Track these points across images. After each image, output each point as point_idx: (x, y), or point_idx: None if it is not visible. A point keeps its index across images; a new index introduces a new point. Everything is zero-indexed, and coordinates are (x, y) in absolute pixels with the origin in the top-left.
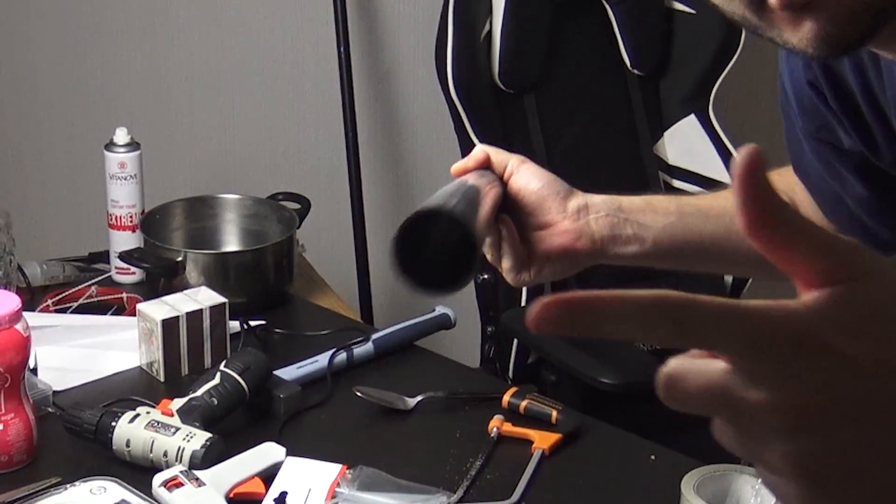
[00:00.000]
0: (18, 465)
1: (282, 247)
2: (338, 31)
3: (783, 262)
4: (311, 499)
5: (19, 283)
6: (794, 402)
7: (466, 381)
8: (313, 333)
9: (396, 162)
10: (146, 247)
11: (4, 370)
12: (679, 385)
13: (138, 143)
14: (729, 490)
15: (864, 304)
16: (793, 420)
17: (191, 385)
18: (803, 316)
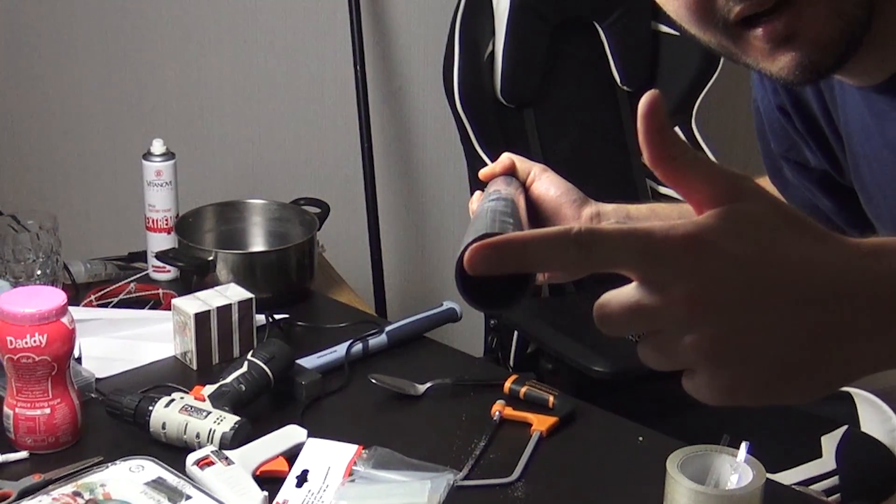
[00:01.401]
0: (64, 446)
1: (303, 247)
2: (354, 52)
3: (681, 188)
4: (330, 477)
5: (65, 280)
6: (689, 294)
7: (471, 370)
8: (332, 326)
9: (407, 169)
10: (180, 247)
11: (51, 359)
12: (604, 310)
13: (173, 153)
14: (710, 468)
15: (744, 214)
16: (691, 310)
17: (221, 373)
18: (692, 226)
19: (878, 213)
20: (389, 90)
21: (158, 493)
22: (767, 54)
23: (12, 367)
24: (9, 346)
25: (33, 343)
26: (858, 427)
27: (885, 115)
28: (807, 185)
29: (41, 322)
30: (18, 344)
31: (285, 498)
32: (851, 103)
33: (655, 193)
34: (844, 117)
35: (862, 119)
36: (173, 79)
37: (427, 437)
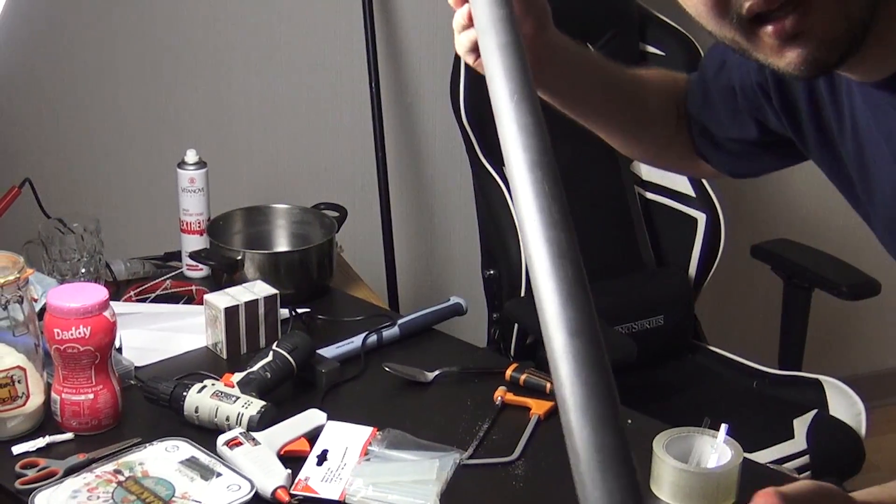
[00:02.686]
0: (106, 428)
1: (323, 248)
2: (369, 71)
3: None
4: (347, 456)
5: (107, 277)
6: None
7: (475, 359)
8: (349, 319)
9: (418, 177)
10: (211, 248)
11: (95, 349)
12: None
13: (205, 162)
14: (692, 448)
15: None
16: None
17: (248, 362)
18: None
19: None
20: (401, 105)
21: (192, 471)
22: (776, 50)
23: (59, 356)
24: (56, 338)
25: (78, 334)
26: (827, 411)
27: (882, 110)
28: (743, 118)
29: (85, 315)
30: (65, 335)
31: (307, 475)
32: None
33: (643, 199)
34: (850, 108)
35: (862, 111)
36: (205, 95)
37: (435, 420)
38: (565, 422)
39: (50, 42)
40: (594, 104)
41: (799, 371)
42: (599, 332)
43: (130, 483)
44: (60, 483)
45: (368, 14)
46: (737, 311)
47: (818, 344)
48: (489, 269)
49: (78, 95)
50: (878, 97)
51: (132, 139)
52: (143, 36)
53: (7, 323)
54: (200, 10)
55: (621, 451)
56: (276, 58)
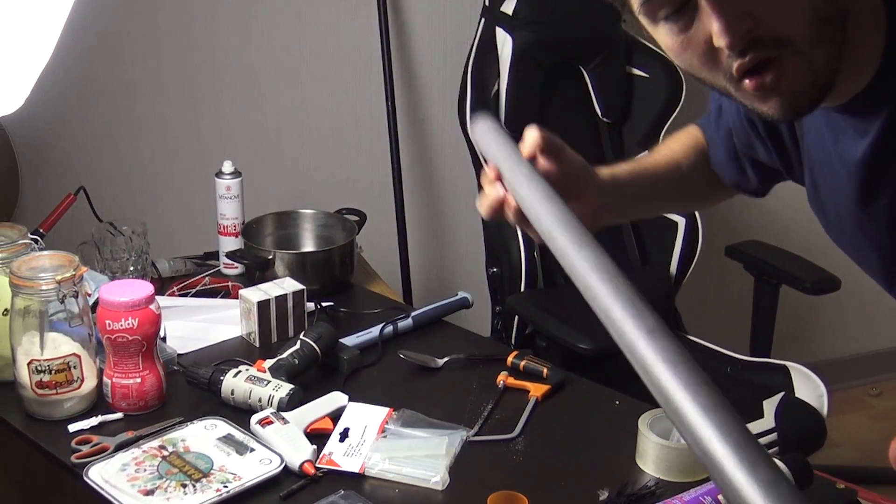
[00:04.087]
0: (152, 408)
1: (345, 248)
2: (386, 90)
3: None
4: (366, 433)
5: (153, 274)
6: None
7: (480, 347)
8: (368, 311)
9: (429, 185)
10: (245, 248)
11: (142, 338)
12: None
13: (240, 172)
14: (673, 426)
15: None
16: None
17: (278, 349)
18: None
19: (823, 208)
20: (414, 120)
21: (228, 447)
22: (758, 99)
23: (110, 344)
24: (108, 328)
25: (127, 325)
26: (793, 393)
27: (840, 130)
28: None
29: (133, 308)
30: (115, 326)
31: (330, 450)
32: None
33: None
34: (802, 130)
35: (819, 131)
36: (241, 113)
37: (445, 402)
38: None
39: (102, 65)
40: (652, 208)
41: (768, 358)
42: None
43: (173, 457)
44: (111, 457)
45: (385, 42)
46: (713, 305)
47: (785, 334)
48: (492, 267)
49: (127, 113)
50: (838, 119)
51: (176, 151)
52: (186, 60)
53: (64, 315)
54: (237, 39)
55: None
56: (303, 80)
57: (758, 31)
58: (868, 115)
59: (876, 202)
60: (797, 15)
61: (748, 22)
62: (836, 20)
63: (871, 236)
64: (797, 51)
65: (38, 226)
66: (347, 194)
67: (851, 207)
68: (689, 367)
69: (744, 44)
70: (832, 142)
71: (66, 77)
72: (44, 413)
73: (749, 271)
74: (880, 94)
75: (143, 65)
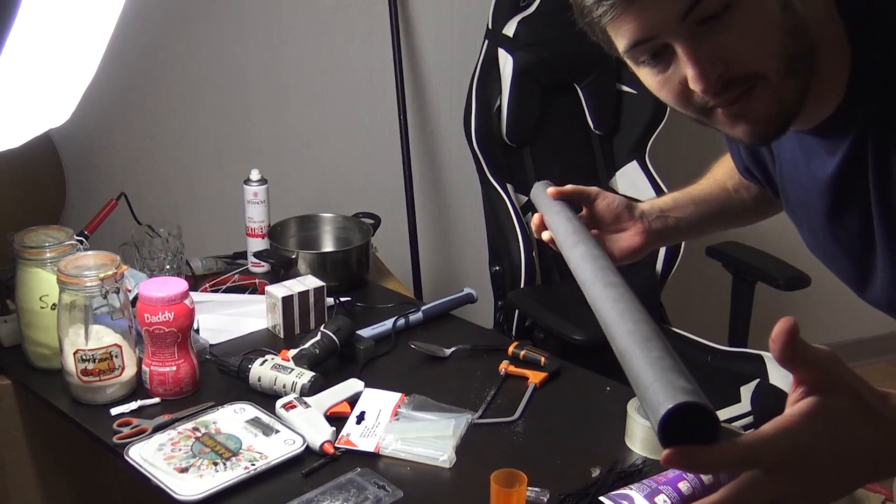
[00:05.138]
0: (186, 394)
1: (361, 248)
2: (399, 105)
3: (796, 373)
4: (381, 416)
5: (187, 272)
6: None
7: (484, 338)
8: (382, 306)
9: (437, 191)
10: (271, 248)
11: (177, 330)
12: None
13: (266, 179)
14: None
15: (831, 413)
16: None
17: (301, 340)
18: (791, 440)
19: (797, 220)
20: (424, 133)
21: (255, 428)
22: (729, 125)
23: (148, 335)
24: (146, 321)
25: (164, 318)
26: (767, 380)
27: (812, 151)
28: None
29: (169, 303)
30: (153, 319)
31: (348, 432)
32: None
33: None
34: (777, 150)
35: (793, 152)
36: (267, 125)
37: (452, 388)
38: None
39: (141, 83)
40: (703, 228)
41: (744, 348)
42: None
43: (206, 438)
44: (149, 438)
45: (398, 62)
46: (695, 300)
47: (760, 326)
48: (495, 265)
49: (164, 125)
50: (811, 141)
51: (208, 160)
52: (218, 79)
53: (107, 309)
54: (265, 60)
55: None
56: (324, 97)
57: (728, 74)
58: (837, 136)
59: (847, 214)
60: (767, 54)
61: (720, 68)
62: (803, 57)
63: (843, 245)
64: (766, 84)
65: (83, 228)
66: (363, 199)
67: (823, 220)
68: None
69: (717, 87)
70: (805, 162)
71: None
72: (88, 398)
73: (727, 269)
74: (848, 118)
75: (178, 82)
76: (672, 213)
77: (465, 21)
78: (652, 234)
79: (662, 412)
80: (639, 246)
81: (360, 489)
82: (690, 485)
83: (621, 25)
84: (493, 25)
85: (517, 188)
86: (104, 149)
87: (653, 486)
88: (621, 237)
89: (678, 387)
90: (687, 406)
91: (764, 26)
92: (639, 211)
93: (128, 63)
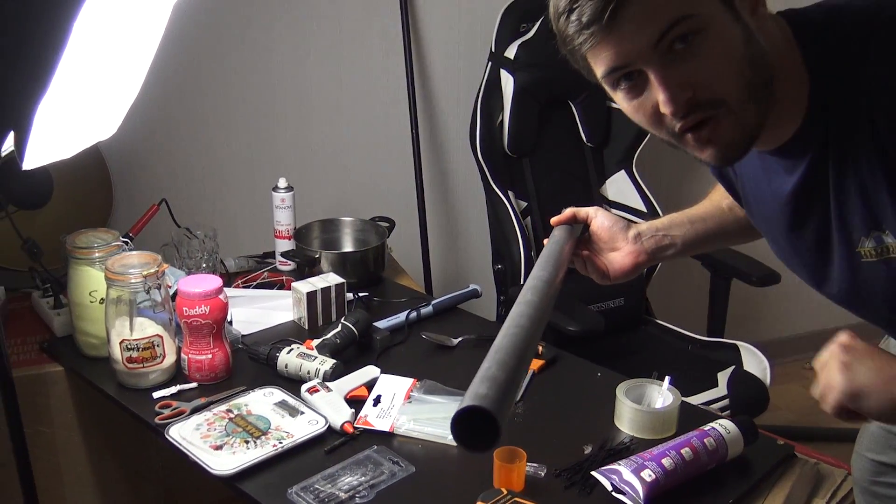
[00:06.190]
0: (221, 379)
1: (378, 249)
2: (411, 120)
3: None
4: (395, 399)
5: (221, 270)
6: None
7: (488, 329)
8: (396, 300)
9: (446, 197)
10: (297, 249)
11: (212, 322)
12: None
13: (292, 187)
14: (644, 394)
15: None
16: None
17: (323, 331)
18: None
19: (763, 231)
20: (434, 145)
21: (283, 410)
22: (697, 149)
23: (186, 326)
24: (185, 313)
25: (200, 311)
26: (742, 367)
27: (772, 171)
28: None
29: (206, 298)
30: (191, 312)
31: (366, 413)
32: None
33: None
34: (740, 169)
35: (755, 170)
36: (293, 138)
37: (458, 374)
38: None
39: (180, 99)
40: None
41: (721, 338)
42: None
43: (238, 419)
44: (187, 419)
45: (410, 81)
46: (677, 295)
47: (735, 318)
48: (497, 264)
49: (200, 137)
50: (771, 161)
51: (240, 170)
52: (248, 95)
53: (149, 303)
54: (290, 78)
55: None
56: (344, 111)
57: (696, 98)
58: (796, 157)
59: (803, 228)
60: (730, 81)
61: (688, 92)
62: (763, 84)
63: (801, 255)
64: (729, 110)
65: (128, 230)
66: (379, 204)
67: (785, 232)
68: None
69: (685, 110)
70: (766, 180)
71: (150, 109)
72: (132, 383)
73: (706, 267)
74: (806, 141)
75: (213, 100)
76: (667, 232)
77: (470, 44)
78: (644, 253)
79: (454, 412)
80: (631, 266)
81: (376, 464)
82: (672, 460)
83: (599, 53)
84: (495, 48)
85: (517, 194)
86: (147, 159)
87: (639, 461)
88: (615, 257)
89: (473, 393)
90: (470, 408)
91: (728, 55)
92: (634, 231)
93: (168, 83)
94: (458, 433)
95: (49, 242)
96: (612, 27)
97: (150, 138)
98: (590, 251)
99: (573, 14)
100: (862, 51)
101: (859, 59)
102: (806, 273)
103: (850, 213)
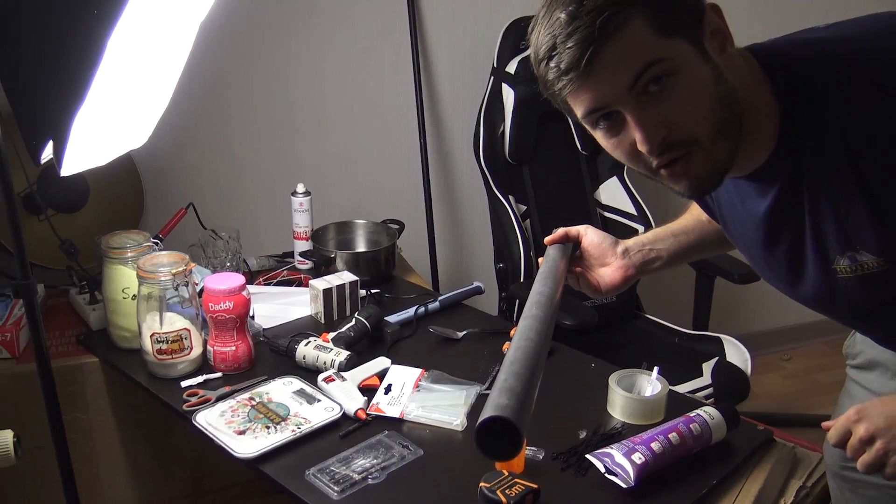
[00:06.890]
0: (244, 369)
1: (389, 249)
2: (419, 130)
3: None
4: (405, 388)
5: (244, 268)
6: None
7: (490, 323)
8: (406, 297)
9: (451, 201)
10: (314, 249)
11: (236, 317)
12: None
13: (309, 192)
14: (635, 383)
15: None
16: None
17: (338, 325)
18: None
19: (739, 247)
20: (440, 153)
21: (301, 398)
22: (672, 182)
23: (212, 321)
24: (211, 308)
25: (225, 307)
26: (725, 358)
27: (746, 194)
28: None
29: (230, 294)
30: (216, 307)
31: (378, 401)
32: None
33: (602, 217)
34: (716, 193)
35: (729, 194)
36: (310, 146)
37: (463, 364)
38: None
39: (206, 110)
40: (682, 256)
41: (706, 331)
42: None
43: (260, 406)
44: (213, 406)
45: (419, 93)
46: (664, 291)
47: (719, 313)
48: (499, 262)
49: (225, 145)
50: (744, 185)
51: (261, 176)
52: (269, 106)
53: (178, 299)
54: (307, 91)
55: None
56: (358, 122)
57: (671, 136)
58: (768, 182)
59: (777, 247)
60: (702, 120)
61: (663, 132)
62: (733, 121)
63: (775, 270)
64: (702, 147)
65: (158, 232)
66: (390, 208)
67: (760, 250)
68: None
69: (660, 148)
70: (741, 203)
71: (178, 120)
72: (162, 373)
73: (692, 266)
74: (777, 167)
75: (236, 111)
76: (653, 246)
77: (474, 60)
78: (633, 267)
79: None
80: (620, 280)
81: (387, 448)
82: (661, 444)
83: (579, 96)
84: (497, 64)
85: (517, 199)
86: (175, 166)
87: (630, 445)
88: (605, 272)
89: (494, 404)
90: (493, 418)
91: (700, 95)
92: (622, 247)
93: (194, 96)
94: (482, 443)
95: (85, 243)
96: (590, 73)
97: (179, 147)
98: (582, 268)
99: (552, 61)
100: (831, 77)
101: (829, 84)
102: (780, 283)
103: (824, 234)
